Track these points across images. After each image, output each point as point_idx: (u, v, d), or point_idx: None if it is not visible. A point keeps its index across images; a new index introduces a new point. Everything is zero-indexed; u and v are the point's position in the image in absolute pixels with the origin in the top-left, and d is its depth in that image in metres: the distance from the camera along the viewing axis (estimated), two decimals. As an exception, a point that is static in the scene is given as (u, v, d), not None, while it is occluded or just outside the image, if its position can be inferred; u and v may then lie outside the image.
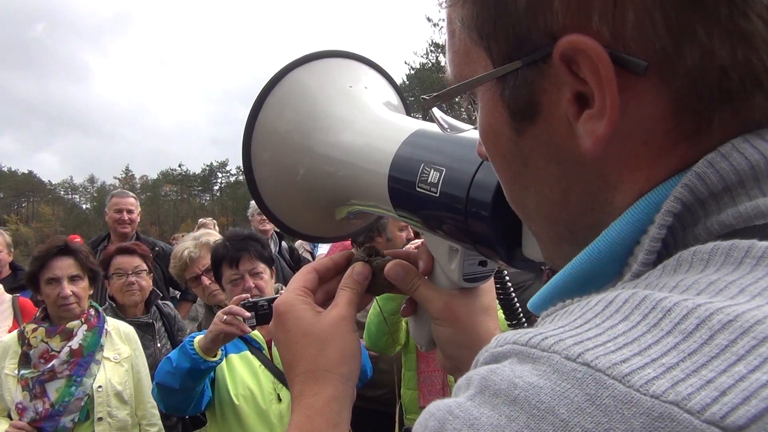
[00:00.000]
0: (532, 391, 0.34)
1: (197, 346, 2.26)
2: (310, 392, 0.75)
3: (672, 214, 0.42)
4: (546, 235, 0.56)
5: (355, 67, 1.02)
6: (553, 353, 0.36)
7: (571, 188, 0.49)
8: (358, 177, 0.89)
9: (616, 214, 0.46)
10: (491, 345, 0.42)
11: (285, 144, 0.95)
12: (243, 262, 2.60)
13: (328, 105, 0.95)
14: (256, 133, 0.95)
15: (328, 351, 0.77)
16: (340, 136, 0.92)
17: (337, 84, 0.98)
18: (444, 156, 0.77)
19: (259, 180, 0.98)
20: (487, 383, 0.37)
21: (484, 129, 0.53)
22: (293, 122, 0.95)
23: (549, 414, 0.33)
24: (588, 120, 0.44)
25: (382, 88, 1.03)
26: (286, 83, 0.96)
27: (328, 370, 0.76)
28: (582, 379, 0.33)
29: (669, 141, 0.44)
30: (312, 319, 0.79)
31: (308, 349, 0.77)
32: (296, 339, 0.78)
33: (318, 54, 0.99)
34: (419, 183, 0.78)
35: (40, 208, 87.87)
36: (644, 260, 0.43)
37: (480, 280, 0.84)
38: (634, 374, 0.32)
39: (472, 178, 0.71)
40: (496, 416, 0.35)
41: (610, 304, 0.38)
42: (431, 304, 0.82)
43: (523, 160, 0.51)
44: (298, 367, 0.77)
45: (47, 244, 2.85)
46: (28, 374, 2.63)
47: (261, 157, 0.96)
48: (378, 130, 0.91)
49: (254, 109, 0.95)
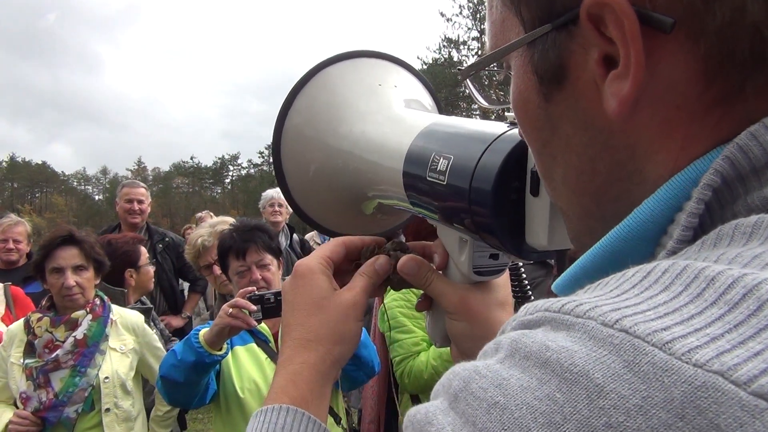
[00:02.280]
0: (566, 353, 0.33)
1: (202, 340, 2.22)
2: (299, 359, 0.75)
3: (711, 188, 0.40)
4: (572, 209, 0.53)
5: (386, 67, 1.04)
6: (589, 319, 0.34)
7: (599, 156, 0.47)
8: (376, 169, 0.90)
9: (647, 185, 0.44)
10: (520, 314, 0.40)
11: (311, 140, 0.98)
12: (250, 254, 2.56)
13: (354, 101, 0.97)
14: (286, 130, 0.97)
15: (330, 327, 0.77)
16: (360, 131, 0.94)
17: (365, 82, 1.00)
18: (454, 144, 0.77)
19: (289, 177, 1.00)
20: (517, 346, 0.36)
21: (515, 97, 0.53)
22: (318, 119, 0.97)
23: (583, 378, 0.31)
24: (614, 80, 0.43)
25: (413, 88, 1.05)
26: (317, 80, 0.98)
27: (322, 344, 0.76)
28: (619, 345, 0.31)
29: (702, 106, 0.42)
30: (326, 293, 0.80)
31: (312, 319, 0.78)
32: (304, 305, 0.79)
33: (350, 54, 1.02)
34: (429, 171, 0.78)
35: (53, 198, 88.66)
36: (680, 237, 0.41)
37: (492, 274, 0.82)
38: (675, 342, 0.30)
39: (476, 166, 0.70)
40: (526, 378, 0.33)
41: (649, 275, 0.36)
42: (445, 298, 0.81)
43: (551, 127, 0.50)
44: (296, 331, 0.78)
45: (52, 234, 2.84)
46: (33, 363, 2.62)
47: (289, 154, 0.99)
48: (398, 124, 0.92)
49: (284, 108, 0.97)
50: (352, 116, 0.95)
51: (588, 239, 0.48)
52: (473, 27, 47.26)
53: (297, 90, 0.97)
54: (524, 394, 0.33)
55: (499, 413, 0.33)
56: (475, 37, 47.34)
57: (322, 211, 1.03)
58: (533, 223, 0.68)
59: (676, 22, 0.39)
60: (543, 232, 0.67)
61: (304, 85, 0.97)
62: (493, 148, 0.70)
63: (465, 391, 0.36)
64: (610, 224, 0.45)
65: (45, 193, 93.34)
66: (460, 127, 0.81)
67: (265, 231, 2.70)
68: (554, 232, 0.66)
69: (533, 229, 0.69)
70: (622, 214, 0.44)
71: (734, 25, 0.39)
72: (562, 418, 0.31)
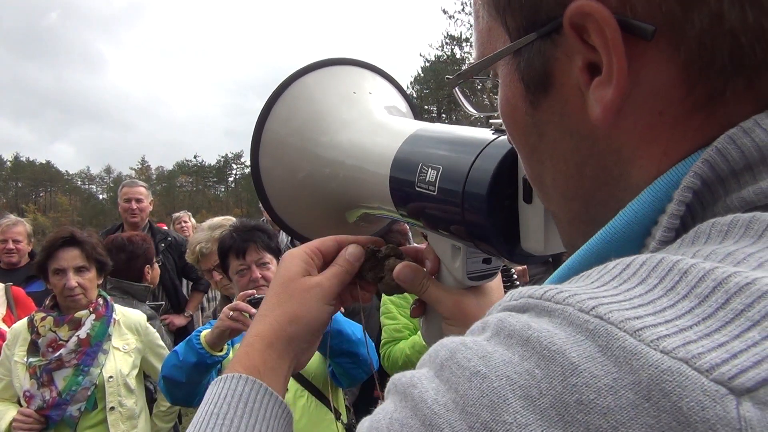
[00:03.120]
0: (546, 333, 0.34)
1: (203, 341, 2.27)
2: (254, 331, 0.78)
3: (691, 191, 0.41)
4: (563, 213, 0.55)
5: (360, 74, 1.04)
6: (567, 305, 0.35)
7: (586, 162, 0.49)
8: (361, 179, 0.90)
9: (633, 190, 0.45)
10: (505, 299, 0.41)
11: (292, 150, 0.97)
12: (249, 253, 2.59)
13: (331, 110, 0.97)
14: (264, 140, 0.97)
15: (287, 305, 0.80)
16: (341, 139, 0.94)
17: (340, 90, 0.99)
18: (441, 153, 0.77)
19: (268, 188, 0.99)
20: (503, 325, 0.37)
21: (503, 104, 0.54)
22: (298, 127, 0.97)
23: (559, 356, 0.33)
24: (597, 87, 0.44)
25: (388, 94, 1.05)
26: (293, 90, 0.98)
27: (278, 322, 0.78)
28: (594, 330, 0.33)
29: (684, 111, 0.43)
30: (295, 275, 0.82)
31: (275, 297, 0.81)
32: (274, 285, 0.82)
33: (324, 62, 1.01)
34: (418, 182, 0.78)
35: (58, 197, 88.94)
36: (662, 237, 0.42)
37: (486, 278, 0.83)
38: (645, 330, 0.32)
39: (467, 174, 0.71)
40: (509, 354, 0.35)
41: (627, 267, 0.38)
42: (441, 304, 0.82)
43: (538, 133, 0.51)
44: (261, 309, 0.81)
45: (54, 235, 2.86)
46: (36, 362, 2.64)
47: (268, 165, 0.98)
48: (379, 132, 0.92)
49: (261, 119, 0.97)
50: (333, 125, 0.95)
51: (581, 242, 0.49)
52: (476, 24, 47.06)
53: (272, 102, 0.97)
54: (505, 368, 0.34)
55: (479, 381, 0.35)
56: (477, 34, 47.13)
57: (303, 221, 1.03)
58: (528, 230, 0.69)
59: (656, 29, 0.40)
60: (539, 237, 0.68)
61: (279, 96, 0.97)
62: (484, 156, 0.70)
63: (450, 360, 0.38)
64: (600, 227, 0.47)
65: (49, 193, 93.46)
66: (446, 135, 0.81)
67: (265, 231, 2.73)
68: (549, 237, 0.67)
69: (528, 235, 0.70)
70: (610, 217, 0.46)
71: (713, 32, 0.40)
72: (539, 393, 0.32)
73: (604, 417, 0.30)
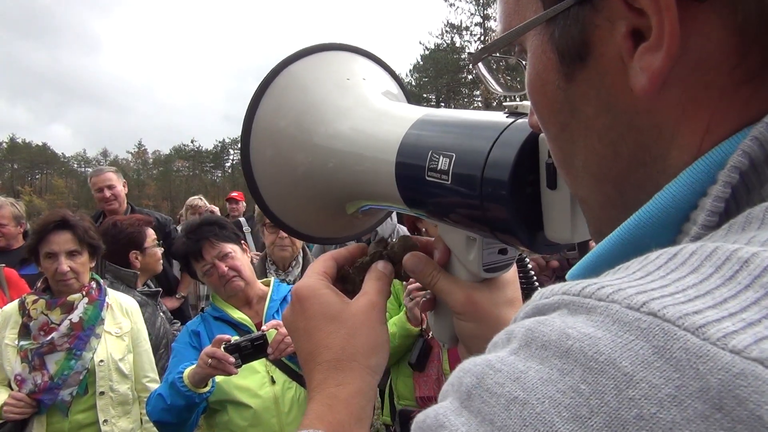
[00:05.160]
0: (589, 341, 0.30)
1: (188, 383, 2.26)
2: (333, 381, 0.68)
3: (738, 171, 0.37)
4: (594, 198, 0.51)
5: (351, 59, 0.99)
6: (612, 302, 0.31)
7: (622, 140, 0.45)
8: (364, 170, 0.85)
9: (671, 171, 0.42)
10: (535, 298, 0.37)
11: (286, 141, 0.92)
12: (206, 251, 2.56)
13: (327, 98, 0.92)
14: (254, 134, 0.92)
15: (357, 339, 0.71)
16: (341, 129, 0.89)
17: (334, 77, 0.94)
18: (452, 140, 0.73)
19: (261, 182, 0.94)
20: (533, 335, 0.33)
21: (532, 79, 0.50)
22: (292, 119, 0.92)
23: (609, 366, 0.29)
24: (643, 54, 0.40)
25: (381, 79, 1.00)
26: (281, 80, 0.92)
27: (356, 360, 0.70)
28: (647, 329, 0.29)
29: (731, 83, 0.39)
30: (340, 305, 0.73)
31: (334, 337, 0.71)
32: (321, 325, 0.72)
33: (312, 48, 0.96)
34: (428, 172, 0.73)
35: (54, 180, 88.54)
36: (705, 222, 0.38)
37: (501, 269, 0.79)
38: (709, 326, 0.28)
39: (486, 160, 0.67)
40: (546, 370, 0.31)
41: (675, 257, 0.34)
42: (452, 297, 0.77)
43: (570, 109, 0.47)
44: (322, 355, 0.71)
45: (45, 218, 2.81)
46: (28, 346, 2.62)
47: (262, 158, 0.93)
48: (381, 120, 0.87)
49: (251, 109, 0.92)
50: (330, 115, 0.91)
51: (610, 230, 0.45)
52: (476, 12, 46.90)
53: (260, 94, 0.92)
54: (545, 387, 0.30)
55: (519, 409, 0.31)
56: (477, 22, 46.98)
57: (300, 217, 0.98)
58: (553, 217, 0.66)
59: None
60: (565, 225, 0.65)
61: (267, 87, 0.92)
62: (503, 140, 0.66)
63: (479, 388, 0.34)
64: (632, 213, 0.43)
65: (45, 175, 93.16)
66: (456, 120, 0.77)
67: (214, 223, 2.69)
68: (576, 225, 0.64)
69: (554, 223, 0.66)
70: (645, 201, 0.42)
71: None
72: (589, 411, 0.29)
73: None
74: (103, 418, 2.68)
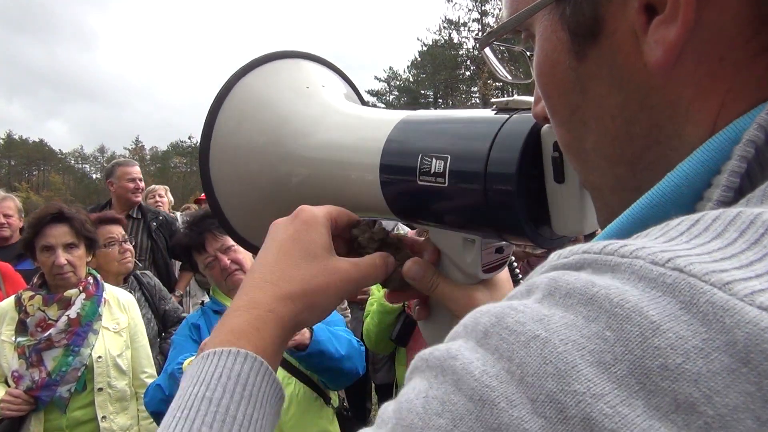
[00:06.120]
0: (615, 290, 0.30)
1: None
2: (267, 306, 0.63)
3: (754, 145, 0.37)
4: (605, 182, 0.49)
5: (306, 66, 0.95)
6: (637, 258, 0.31)
7: (635, 118, 0.44)
8: (344, 181, 0.80)
9: (684, 149, 0.41)
10: (552, 258, 0.36)
11: (252, 158, 0.87)
12: (209, 243, 2.53)
13: (292, 108, 0.87)
14: (214, 153, 0.87)
15: (310, 287, 0.66)
16: (315, 139, 0.84)
17: (294, 86, 0.90)
18: (444, 141, 0.70)
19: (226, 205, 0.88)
20: (557, 284, 0.32)
21: (541, 61, 0.49)
22: (255, 133, 0.87)
23: (635, 314, 0.28)
24: (658, 27, 0.40)
25: (335, 82, 0.96)
26: (237, 94, 0.88)
27: (296, 303, 0.65)
28: (674, 284, 0.29)
29: (746, 56, 0.39)
30: (324, 250, 0.68)
31: (296, 270, 0.66)
32: (295, 252, 0.67)
33: (264, 58, 0.91)
34: (421, 176, 0.70)
35: (51, 176, 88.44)
36: (721, 197, 0.37)
37: (498, 269, 0.77)
38: (736, 284, 0.28)
39: (488, 156, 0.65)
40: (570, 316, 0.30)
41: (697, 223, 0.33)
42: (453, 301, 0.74)
43: (582, 89, 0.46)
44: (273, 274, 0.66)
45: (42, 211, 2.78)
46: (25, 342, 2.58)
47: (224, 178, 0.87)
48: (356, 125, 0.83)
49: (207, 128, 0.86)
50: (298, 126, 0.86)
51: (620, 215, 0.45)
52: (474, 8, 46.79)
53: (216, 110, 0.86)
54: (569, 331, 0.29)
55: (539, 346, 0.30)
56: (475, 18, 46.87)
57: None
58: (562, 211, 0.64)
59: None
60: (575, 217, 0.64)
61: (220, 106, 0.87)
62: (505, 136, 0.64)
63: (498, 326, 0.32)
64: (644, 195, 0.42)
65: (42, 171, 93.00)
66: (442, 120, 0.74)
67: None
68: (587, 216, 0.63)
69: (563, 217, 0.65)
70: (657, 182, 0.41)
71: None
72: (613, 358, 0.28)
73: (695, 384, 0.26)
74: (101, 415, 2.65)
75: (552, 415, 0.28)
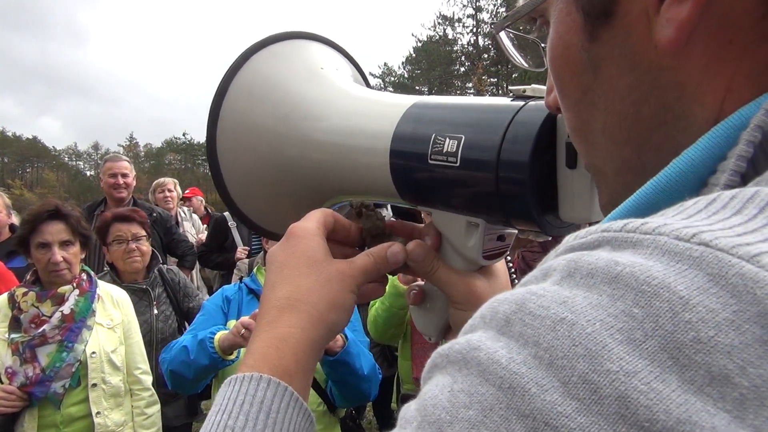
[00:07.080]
0: (640, 267, 0.29)
1: (217, 345, 2.29)
2: (286, 322, 0.64)
3: (762, 130, 0.37)
4: (609, 164, 0.50)
5: (319, 49, 0.95)
6: (660, 235, 0.30)
7: (644, 99, 0.44)
8: (354, 161, 0.82)
9: (692, 130, 0.42)
10: (568, 239, 0.36)
11: (261, 138, 0.87)
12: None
13: (304, 89, 0.88)
14: (221, 130, 0.87)
15: (325, 290, 0.67)
16: (326, 121, 0.85)
17: (308, 66, 0.90)
18: (460, 122, 0.71)
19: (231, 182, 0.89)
20: (577, 265, 0.32)
21: (554, 44, 0.50)
22: (265, 113, 0.87)
23: (663, 290, 0.28)
24: (670, 6, 0.40)
25: (346, 66, 0.97)
26: (247, 71, 0.88)
27: (317, 308, 0.66)
28: (700, 258, 0.28)
29: (754, 38, 0.39)
30: (324, 257, 0.70)
31: (304, 279, 0.67)
32: (298, 263, 0.69)
33: (276, 37, 0.91)
34: (432, 155, 0.71)
35: (45, 173, 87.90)
36: (728, 182, 0.37)
37: (498, 256, 0.78)
38: (763, 256, 0.28)
39: (503, 139, 0.66)
40: (594, 296, 0.30)
41: (714, 201, 0.33)
42: (452, 287, 0.75)
43: (593, 69, 0.47)
44: (282, 289, 0.67)
45: (38, 208, 2.78)
46: (19, 338, 2.59)
47: (231, 157, 0.88)
48: (368, 108, 0.84)
49: (215, 104, 0.86)
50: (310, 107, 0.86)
51: (623, 199, 0.44)
52: (468, 4, 46.70)
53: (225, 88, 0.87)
54: (595, 311, 0.29)
55: (567, 329, 0.29)
56: (470, 14, 46.81)
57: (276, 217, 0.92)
58: (571, 197, 0.65)
59: None
60: (584, 204, 0.64)
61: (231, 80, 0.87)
62: (519, 121, 0.65)
63: (520, 312, 0.32)
64: (648, 178, 0.42)
65: (36, 168, 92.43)
66: (457, 104, 0.75)
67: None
68: (594, 203, 0.63)
69: (572, 203, 0.65)
70: (663, 165, 0.41)
71: None
72: (643, 335, 0.28)
73: (728, 356, 0.26)
74: (95, 411, 2.65)
75: (586, 396, 0.28)
